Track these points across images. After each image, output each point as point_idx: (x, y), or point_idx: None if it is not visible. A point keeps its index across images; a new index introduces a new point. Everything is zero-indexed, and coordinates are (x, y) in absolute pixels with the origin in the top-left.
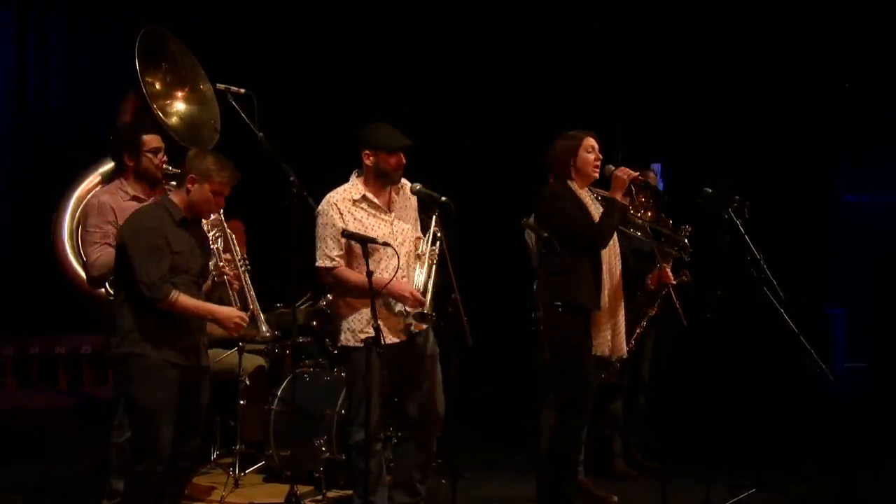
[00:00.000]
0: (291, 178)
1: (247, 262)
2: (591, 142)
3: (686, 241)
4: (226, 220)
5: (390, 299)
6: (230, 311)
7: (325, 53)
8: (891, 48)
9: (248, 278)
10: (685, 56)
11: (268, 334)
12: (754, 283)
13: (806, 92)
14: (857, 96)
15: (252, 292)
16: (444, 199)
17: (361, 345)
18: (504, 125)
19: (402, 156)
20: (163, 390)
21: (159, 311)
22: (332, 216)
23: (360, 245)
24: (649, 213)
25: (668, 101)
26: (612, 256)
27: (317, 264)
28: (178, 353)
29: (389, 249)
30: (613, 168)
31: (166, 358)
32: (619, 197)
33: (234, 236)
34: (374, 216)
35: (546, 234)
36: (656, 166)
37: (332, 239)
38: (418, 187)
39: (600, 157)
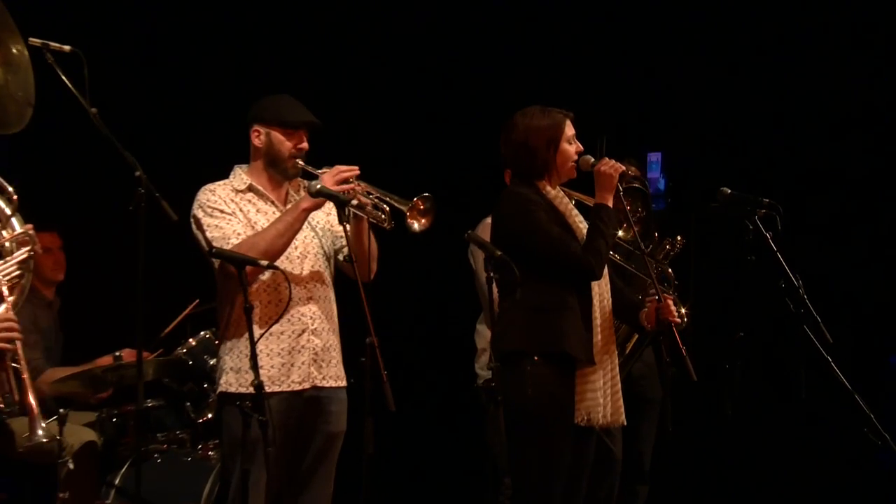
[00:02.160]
0: (137, 174)
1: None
2: (570, 127)
3: (668, 269)
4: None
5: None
6: None
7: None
8: None
9: (20, 349)
10: (694, 4)
11: (45, 440)
12: (791, 320)
13: (858, 55)
14: None
15: (27, 374)
16: (354, 202)
17: (250, 391)
18: (445, 103)
19: (305, 139)
20: None
21: None
22: (217, 193)
23: (236, 268)
24: (636, 229)
25: (669, 67)
26: (602, 286)
27: (213, 251)
28: None
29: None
30: (593, 160)
31: None
32: (608, 200)
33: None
34: (264, 213)
35: (499, 254)
36: (654, 157)
37: (223, 214)
38: (318, 186)
39: (580, 147)
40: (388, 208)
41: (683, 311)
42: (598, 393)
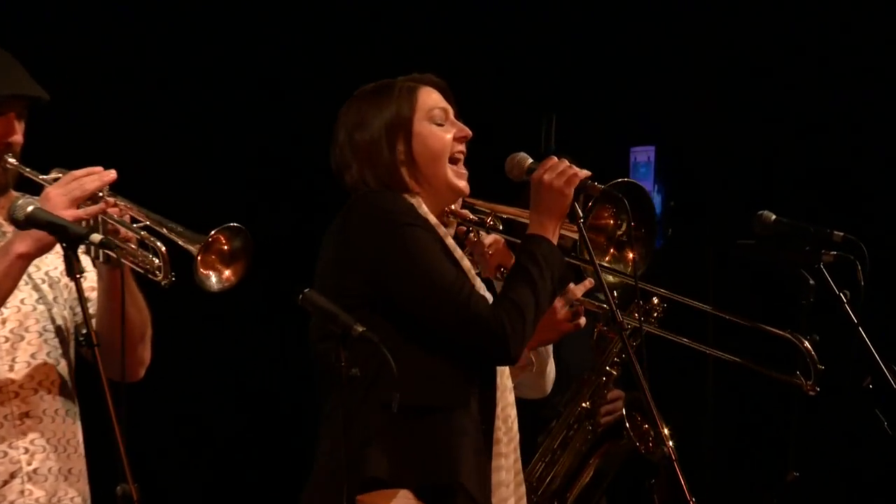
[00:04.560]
0: None
1: None
2: (433, 98)
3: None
4: None
5: None
6: None
7: None
8: None
9: None
10: None
11: None
12: (887, 448)
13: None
14: None
15: None
16: (98, 237)
17: None
18: (291, 74)
19: (19, 125)
20: None
21: None
22: None
23: None
24: (630, 254)
25: (664, 13)
26: (505, 382)
27: None
28: None
29: None
30: (530, 162)
31: None
32: (551, 232)
33: None
34: None
35: (360, 331)
36: (642, 154)
37: None
38: (30, 209)
39: (466, 131)
40: (164, 249)
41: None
42: None
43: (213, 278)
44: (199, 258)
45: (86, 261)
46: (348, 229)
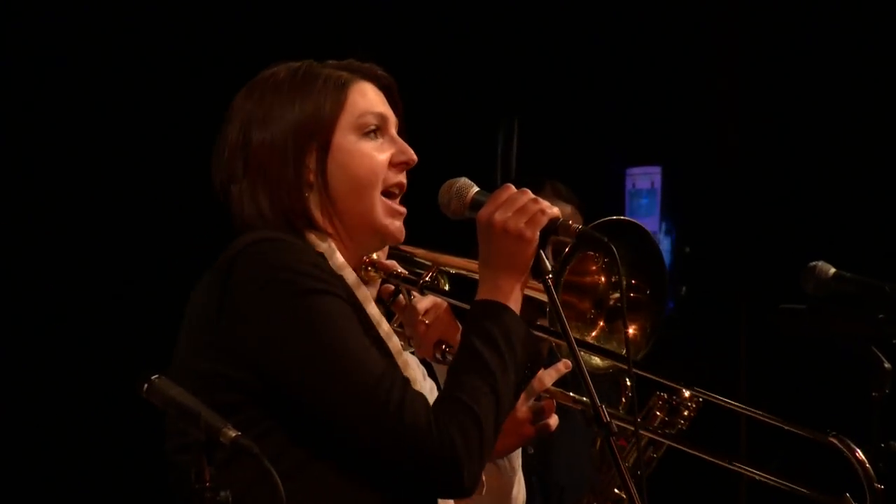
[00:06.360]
0: None
1: None
2: (368, 99)
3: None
4: None
5: None
6: None
7: None
8: None
9: None
10: None
11: None
12: None
13: None
14: None
15: None
16: None
17: None
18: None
19: None
20: None
21: None
22: None
23: None
24: (631, 330)
25: (670, 10)
26: None
27: None
28: None
29: None
30: (479, 194)
31: None
32: (508, 294)
33: None
34: None
35: (234, 436)
36: (644, 178)
37: None
38: None
39: (409, 154)
40: None
41: None
42: None
43: None
44: None
45: None
46: (229, 295)
